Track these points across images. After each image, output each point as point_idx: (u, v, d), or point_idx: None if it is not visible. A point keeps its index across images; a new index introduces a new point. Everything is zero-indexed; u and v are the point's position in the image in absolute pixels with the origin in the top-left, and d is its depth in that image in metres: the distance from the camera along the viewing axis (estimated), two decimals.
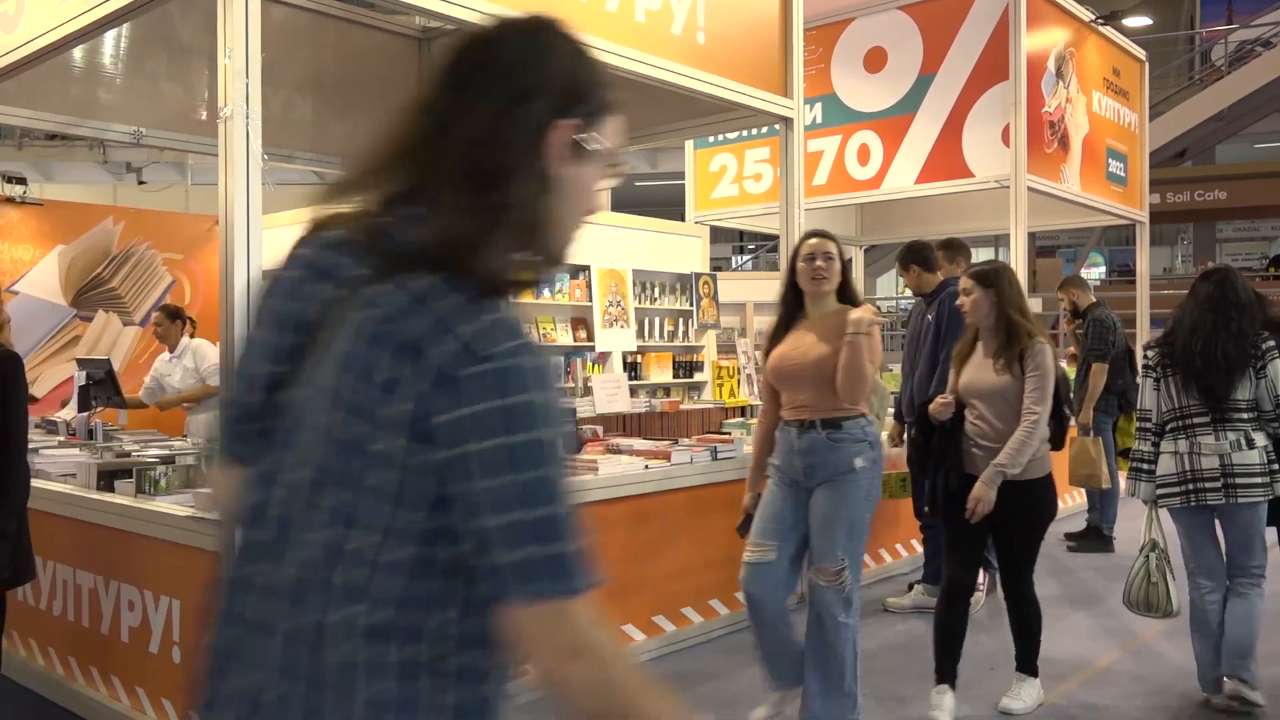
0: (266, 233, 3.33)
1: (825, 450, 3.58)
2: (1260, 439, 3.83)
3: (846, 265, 3.78)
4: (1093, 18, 8.86)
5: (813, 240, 3.72)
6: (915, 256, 5.48)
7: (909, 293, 7.24)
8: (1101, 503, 7.11)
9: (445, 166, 1.13)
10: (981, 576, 5.13)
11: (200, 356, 6.50)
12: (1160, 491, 3.98)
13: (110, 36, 5.43)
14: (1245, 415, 3.83)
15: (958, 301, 4.03)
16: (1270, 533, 4.08)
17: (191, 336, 6.99)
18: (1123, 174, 9.60)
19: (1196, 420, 3.88)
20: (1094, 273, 24.72)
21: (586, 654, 1.10)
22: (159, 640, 3.57)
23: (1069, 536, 7.21)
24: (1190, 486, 3.86)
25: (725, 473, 5.02)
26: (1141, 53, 10.09)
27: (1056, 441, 3.95)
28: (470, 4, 3.88)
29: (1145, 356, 4.15)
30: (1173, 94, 17.07)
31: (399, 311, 1.08)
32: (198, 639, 1.25)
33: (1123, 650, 4.76)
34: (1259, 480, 3.80)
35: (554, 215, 1.17)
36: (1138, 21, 19.83)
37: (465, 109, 1.16)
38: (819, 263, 3.67)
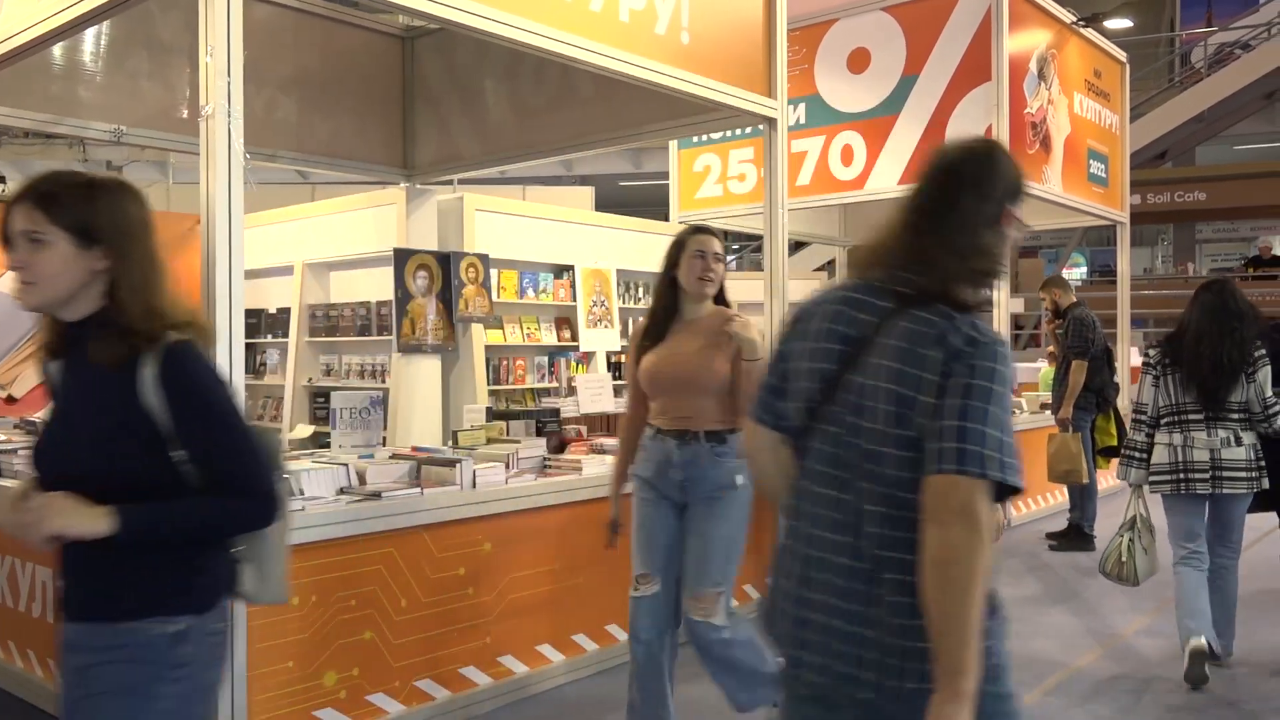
0: (248, 232, 3.32)
1: (708, 464, 3.32)
2: (1248, 438, 4.23)
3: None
4: (1074, 19, 8.91)
5: (702, 236, 3.49)
6: None
7: None
8: (1082, 501, 7.16)
9: (940, 243, 1.84)
10: None
11: None
12: (1153, 478, 4.36)
13: (90, 34, 5.39)
14: (1236, 415, 4.23)
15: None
16: (1270, 517, 4.62)
17: None
18: (1104, 175, 9.67)
19: (1191, 417, 4.29)
20: (1076, 273, 24.85)
21: (969, 520, 1.63)
22: None
23: (1050, 536, 7.25)
24: (1181, 476, 4.27)
25: None
26: (1122, 54, 10.16)
27: None
28: (454, 3, 3.88)
29: (1147, 355, 4.53)
30: (1153, 96, 17.19)
31: (929, 322, 1.77)
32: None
33: (1102, 650, 4.80)
34: (1244, 475, 4.22)
35: (999, 263, 1.87)
36: (1118, 23, 19.97)
37: (950, 207, 1.86)
38: (709, 262, 3.44)
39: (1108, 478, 9.65)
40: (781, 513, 1.99)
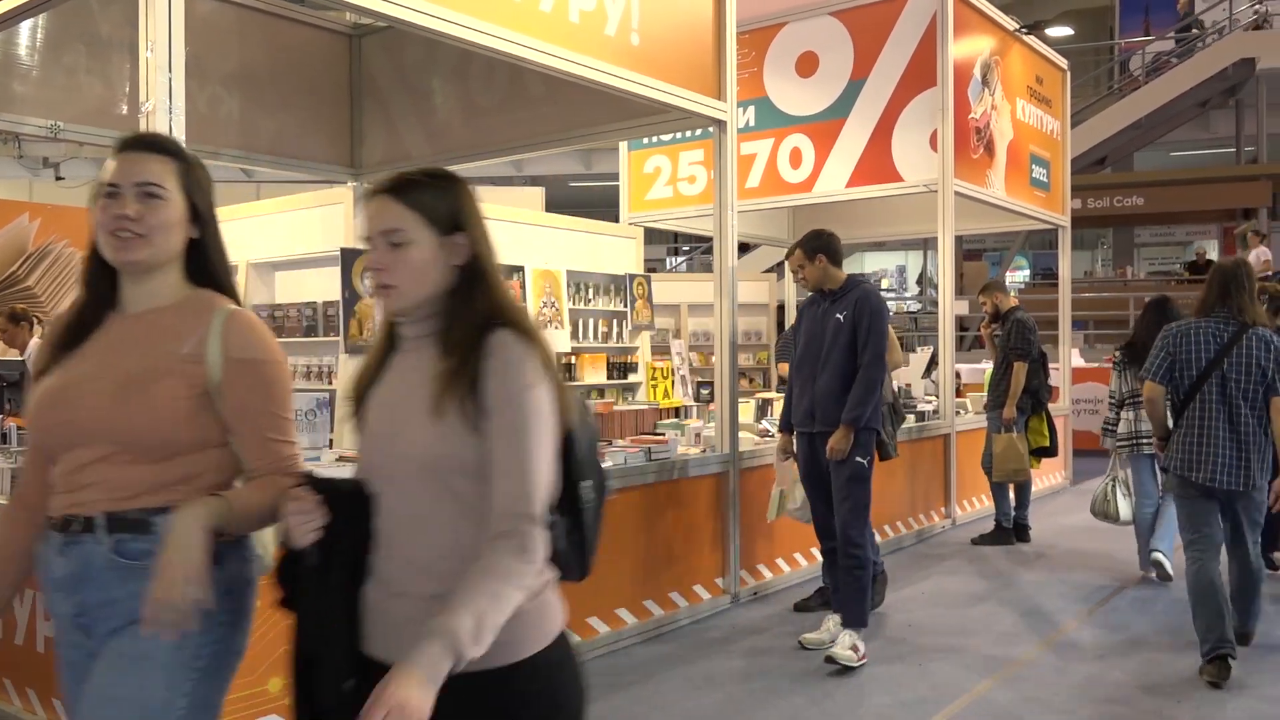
0: None
1: (111, 576, 1.81)
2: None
3: (207, 220, 1.95)
4: (1017, 27, 9.08)
5: (119, 163, 1.86)
6: (825, 247, 4.85)
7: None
8: (1019, 496, 7.28)
9: (1243, 289, 4.38)
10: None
11: None
12: (1119, 444, 6.02)
13: (26, 27, 5.26)
14: (1170, 399, 4.85)
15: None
16: None
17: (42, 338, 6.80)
18: (1045, 180, 9.86)
19: (1140, 399, 5.43)
20: (1018, 276, 25.30)
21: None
22: None
23: (980, 538, 7.36)
24: (1135, 441, 5.95)
25: (659, 474, 5.05)
26: (1063, 62, 10.37)
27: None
28: (403, 1, 3.84)
29: (1115, 354, 6.18)
30: (1093, 103, 17.58)
31: (1268, 334, 4.31)
32: None
33: (1044, 644, 4.89)
34: None
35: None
36: (1060, 31, 20.36)
37: (1240, 287, 4.38)
38: (130, 211, 1.81)
39: (1043, 478, 9.85)
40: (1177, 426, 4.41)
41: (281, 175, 7.74)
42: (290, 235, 6.94)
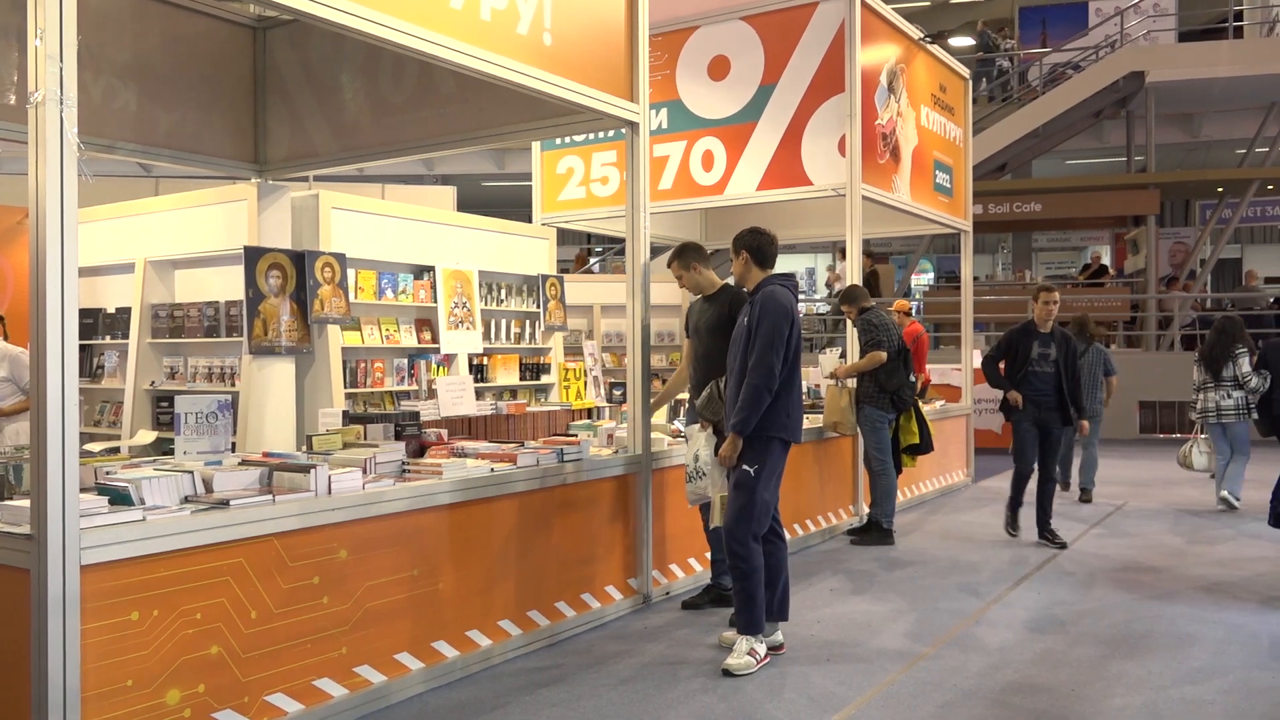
0: (84, 227, 3.14)
1: None
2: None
3: None
4: (921, 36, 9.31)
5: None
6: (749, 245, 4.85)
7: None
8: (882, 498, 7.42)
9: None
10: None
11: (21, 366, 6.06)
12: (1198, 416, 8.79)
13: None
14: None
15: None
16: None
17: (4, 338, 6.50)
18: (949, 185, 10.13)
19: (1210, 386, 8.65)
20: (924, 279, 25.99)
21: None
22: None
23: (852, 532, 7.54)
24: (1206, 415, 8.66)
25: (572, 475, 5.04)
26: (966, 71, 10.68)
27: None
28: None
29: (1196, 356, 8.87)
30: (993, 111, 18.13)
31: None
32: None
33: (947, 637, 5.01)
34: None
35: None
36: (962, 41, 20.98)
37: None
38: None
39: (943, 475, 10.12)
40: None
41: (181, 170, 7.48)
42: (191, 232, 6.73)
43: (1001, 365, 7.40)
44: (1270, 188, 19.68)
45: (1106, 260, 21.16)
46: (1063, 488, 9.28)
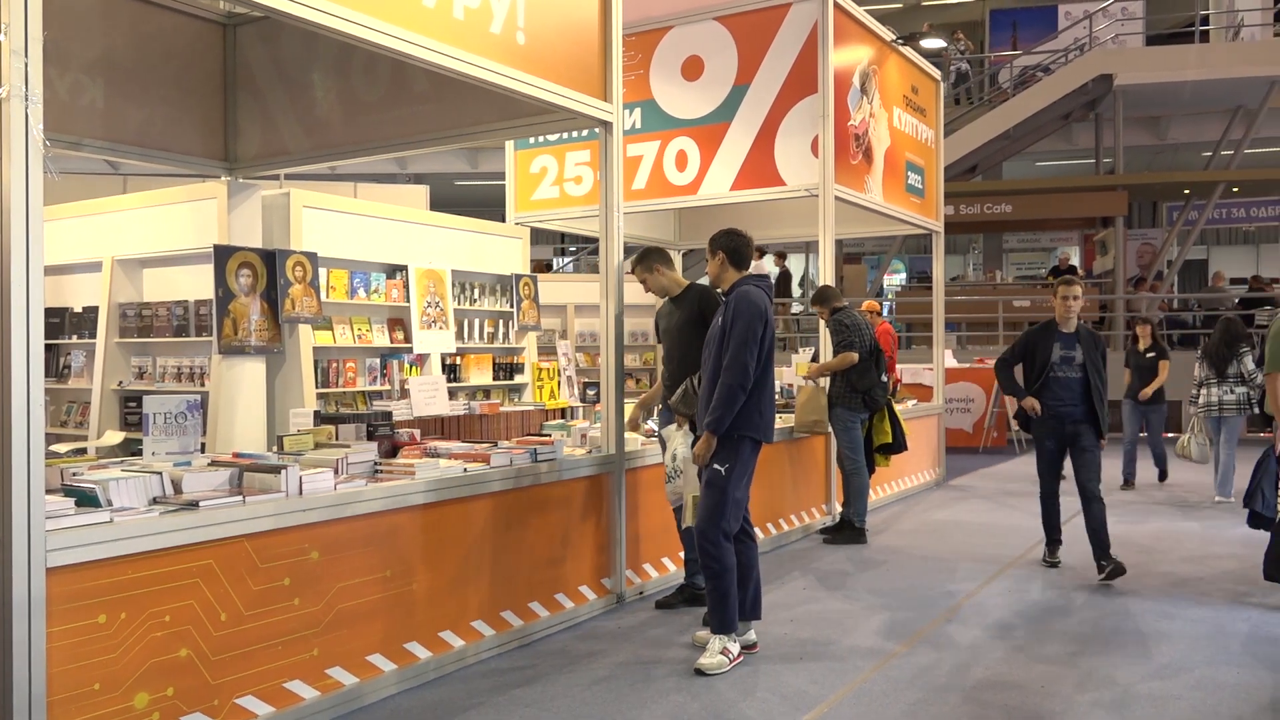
0: (50, 225, 3.09)
1: None
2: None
3: None
4: (893, 37, 9.36)
5: None
6: (725, 245, 4.85)
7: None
8: (854, 497, 7.47)
9: None
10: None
11: None
12: (1199, 410, 9.04)
13: None
14: None
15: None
16: None
17: None
18: (921, 186, 10.20)
19: (1211, 382, 9.00)
20: (896, 279, 26.15)
21: None
22: None
23: (824, 531, 7.58)
24: (1208, 409, 8.96)
25: (545, 476, 5.03)
26: (937, 73, 10.75)
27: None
28: None
29: (1198, 354, 9.18)
30: (964, 113, 18.27)
31: None
32: None
33: (919, 635, 5.05)
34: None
35: None
36: (933, 43, 21.07)
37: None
38: None
39: (915, 475, 10.19)
40: None
41: (150, 168, 7.39)
42: (160, 231, 6.65)
43: (1018, 371, 6.61)
44: (1235, 190, 19.98)
45: (1075, 261, 21.38)
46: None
